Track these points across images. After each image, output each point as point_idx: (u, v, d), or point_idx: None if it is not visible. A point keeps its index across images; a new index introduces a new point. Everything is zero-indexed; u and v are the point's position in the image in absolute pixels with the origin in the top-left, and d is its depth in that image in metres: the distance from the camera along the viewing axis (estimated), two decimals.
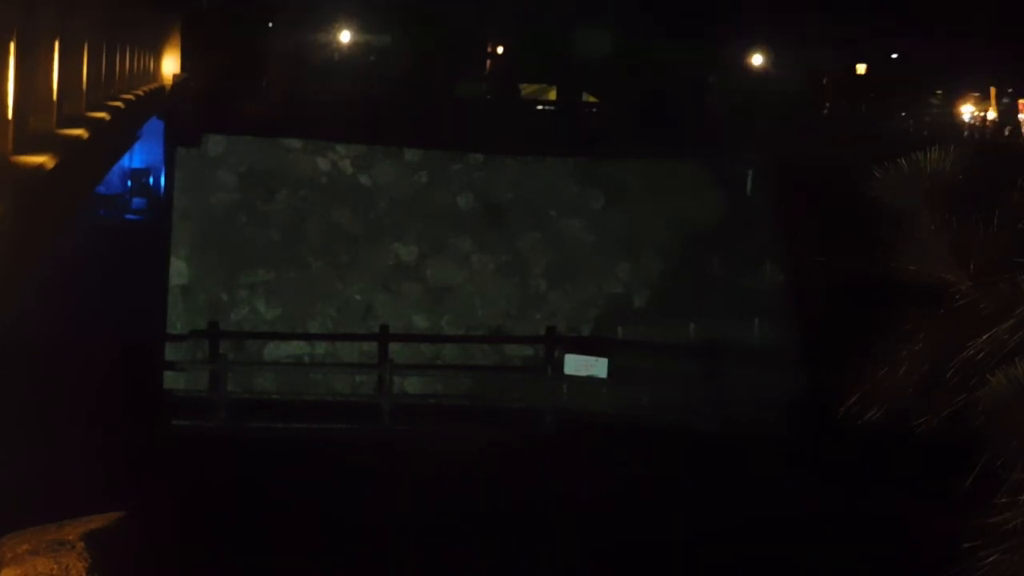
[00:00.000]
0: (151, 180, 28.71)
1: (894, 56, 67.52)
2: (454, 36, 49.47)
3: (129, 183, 28.20)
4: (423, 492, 23.89)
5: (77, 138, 11.21)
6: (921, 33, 59.46)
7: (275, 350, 33.46)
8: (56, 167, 9.20)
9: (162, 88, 25.16)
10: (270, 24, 49.16)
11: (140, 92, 19.58)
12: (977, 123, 65.94)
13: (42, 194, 8.81)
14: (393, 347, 33.47)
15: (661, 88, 46.23)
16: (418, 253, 34.13)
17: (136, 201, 28.23)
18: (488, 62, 55.98)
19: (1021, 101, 65.64)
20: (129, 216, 27.80)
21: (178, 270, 32.58)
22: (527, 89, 54.09)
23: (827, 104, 62.05)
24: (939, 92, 71.38)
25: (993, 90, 68.00)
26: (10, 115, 8.18)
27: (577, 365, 31.29)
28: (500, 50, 55.80)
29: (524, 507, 23.78)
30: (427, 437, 28.81)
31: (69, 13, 11.59)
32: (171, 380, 30.95)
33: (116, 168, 23.75)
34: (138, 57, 20.76)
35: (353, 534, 21.89)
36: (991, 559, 5.19)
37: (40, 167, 8.78)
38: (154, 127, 26.03)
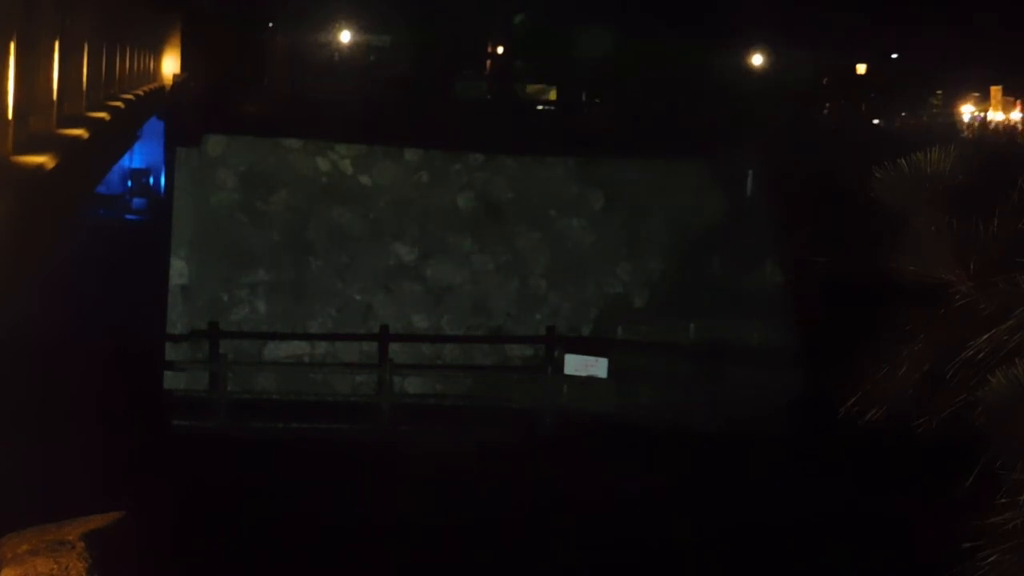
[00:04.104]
0: (151, 180, 28.70)
1: (894, 56, 67.59)
2: (454, 36, 49.48)
3: (129, 183, 28.17)
4: (423, 492, 23.89)
5: (77, 138, 11.21)
6: (921, 33, 59.49)
7: (275, 350, 33.46)
8: (56, 167, 9.20)
9: (162, 88, 25.18)
10: (270, 24, 49.18)
11: (140, 92, 19.58)
12: (976, 124, 65.92)
13: (42, 194, 8.81)
14: (393, 347, 33.46)
15: (661, 88, 46.25)
16: (418, 253, 34.14)
17: (136, 201, 28.21)
18: (488, 62, 56.00)
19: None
20: (129, 216, 27.79)
21: (178, 270, 32.58)
22: (527, 89, 54.13)
23: (827, 104, 62.11)
24: (939, 92, 71.47)
25: (994, 89, 67.96)
26: (10, 115, 8.17)
27: (577, 365, 31.30)
28: (500, 50, 55.80)
29: (524, 507, 23.79)
30: (427, 437, 28.81)
31: (69, 13, 11.59)
32: (171, 380, 30.93)
33: (116, 168, 23.74)
34: (138, 57, 20.77)
35: (353, 534, 21.90)
36: (991, 559, 5.19)
37: (40, 167, 8.78)
38: (154, 127, 26.03)
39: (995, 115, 68.79)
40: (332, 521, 22.29)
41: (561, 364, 31.76)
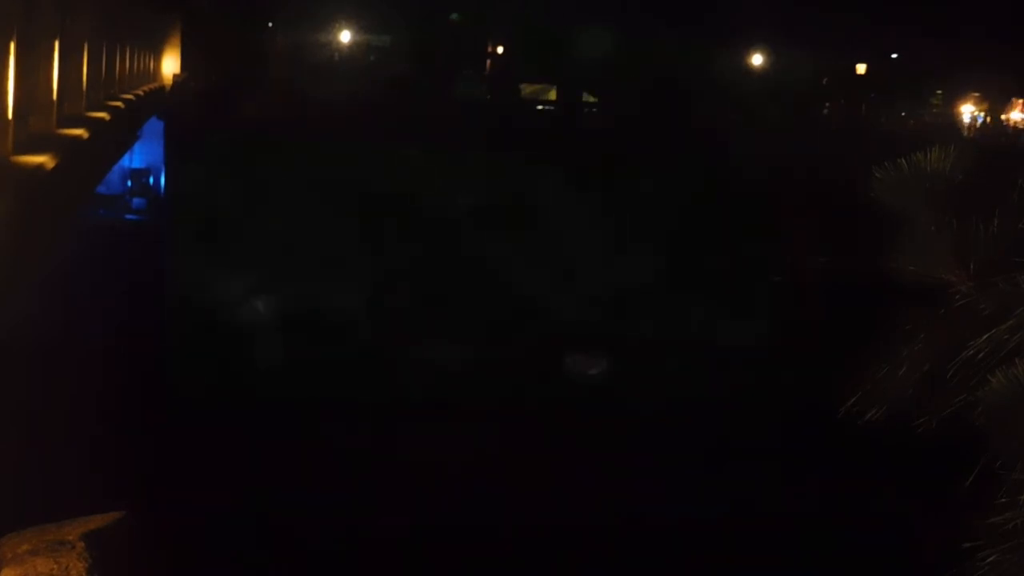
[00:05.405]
0: (151, 180, 28.73)
1: (894, 56, 67.58)
2: (454, 36, 49.51)
3: (129, 183, 28.21)
4: (423, 493, 23.87)
5: (77, 138, 11.22)
6: (921, 33, 59.48)
7: (277, 348, 33.43)
8: (56, 167, 9.21)
9: (162, 88, 25.23)
10: (270, 24, 49.24)
11: (140, 92, 19.61)
12: (977, 124, 65.96)
13: (42, 194, 8.82)
14: (394, 346, 33.43)
15: (661, 88, 46.28)
16: (420, 252, 34.16)
17: (136, 201, 28.25)
18: (488, 62, 56.06)
19: (1019, 101, 65.67)
20: (129, 216, 27.83)
21: (178, 268, 32.59)
22: (527, 89, 54.18)
23: (827, 104, 62.14)
24: (939, 92, 71.47)
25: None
26: (10, 115, 8.18)
27: (577, 365, 31.30)
28: (500, 50, 55.85)
29: (524, 507, 23.77)
30: (427, 437, 28.78)
31: (69, 13, 11.60)
32: (172, 378, 30.90)
33: (116, 168, 23.77)
34: (138, 57, 20.80)
35: (352, 535, 21.89)
36: (991, 559, 5.19)
37: (40, 167, 8.78)
38: (154, 127, 26.08)
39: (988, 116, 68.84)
40: (331, 521, 22.28)
41: (561, 364, 31.76)
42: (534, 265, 34.59)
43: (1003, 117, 68.29)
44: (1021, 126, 65.43)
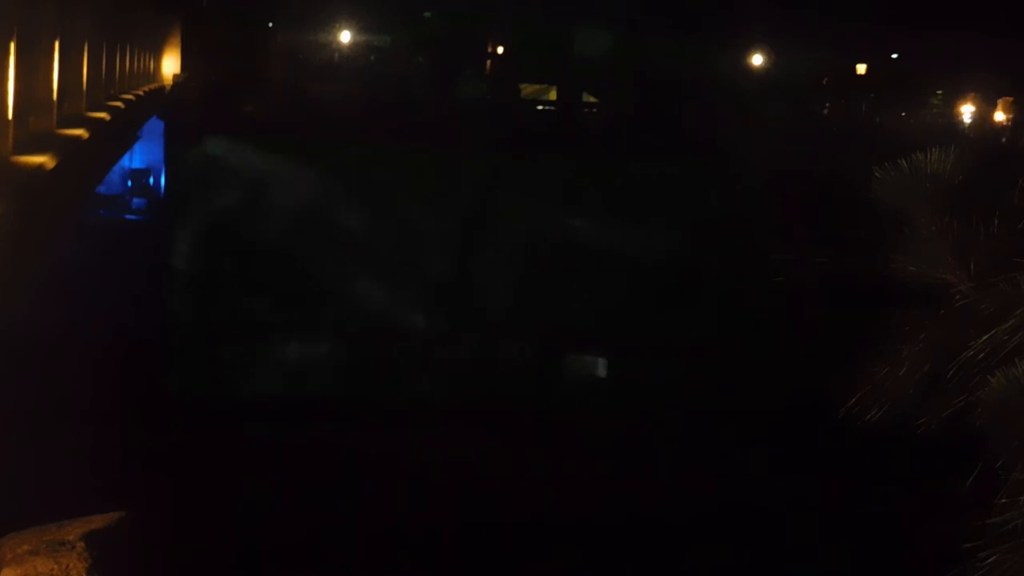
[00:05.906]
0: (151, 180, 28.73)
1: (894, 56, 67.61)
2: (454, 36, 49.54)
3: (129, 183, 28.21)
4: (423, 494, 23.88)
5: (77, 138, 11.23)
6: (921, 33, 59.51)
7: (276, 349, 33.46)
8: (56, 167, 9.22)
9: (162, 88, 25.25)
10: (270, 24, 49.26)
11: (140, 92, 19.63)
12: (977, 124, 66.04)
13: (42, 194, 8.82)
14: (396, 346, 33.46)
15: (661, 88, 46.29)
16: (421, 251, 34.18)
17: (136, 201, 28.26)
18: (488, 62, 56.08)
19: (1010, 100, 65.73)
20: (129, 216, 27.83)
21: (178, 269, 32.61)
22: (527, 89, 54.20)
23: (827, 104, 62.15)
24: (939, 92, 71.50)
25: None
26: (10, 115, 8.19)
27: (577, 365, 31.32)
28: (500, 50, 55.87)
29: (524, 506, 23.78)
30: (427, 438, 28.78)
31: (69, 13, 11.60)
32: (171, 380, 30.92)
33: (116, 168, 23.77)
34: (138, 57, 20.81)
35: (351, 536, 21.89)
36: (991, 559, 5.19)
37: (40, 167, 8.79)
38: (154, 127, 26.09)
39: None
40: (331, 522, 22.28)
41: (561, 364, 31.77)
42: (534, 265, 34.60)
43: (1004, 117, 68.36)
44: (1006, 125, 65.43)
